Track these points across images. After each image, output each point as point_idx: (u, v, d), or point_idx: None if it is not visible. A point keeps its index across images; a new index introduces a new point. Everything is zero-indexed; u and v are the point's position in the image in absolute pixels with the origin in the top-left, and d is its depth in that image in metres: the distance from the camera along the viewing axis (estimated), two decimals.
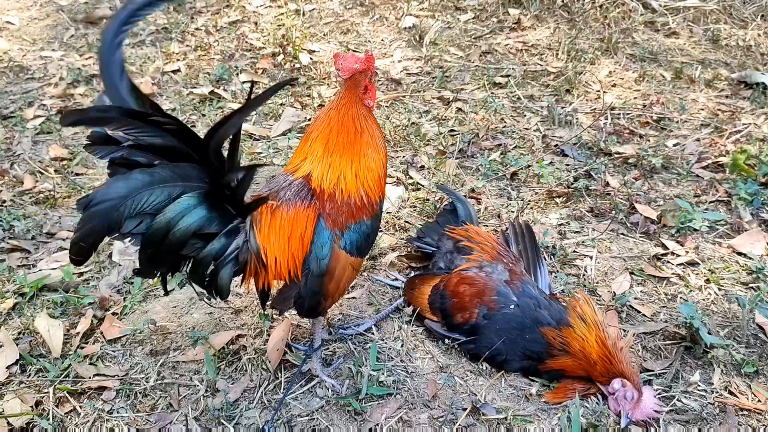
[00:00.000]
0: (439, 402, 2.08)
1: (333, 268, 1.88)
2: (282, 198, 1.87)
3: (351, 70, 1.91)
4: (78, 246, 1.58)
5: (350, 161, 1.89)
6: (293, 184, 1.90)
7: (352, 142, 1.90)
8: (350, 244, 1.90)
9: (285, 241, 1.83)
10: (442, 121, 3.79)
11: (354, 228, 1.90)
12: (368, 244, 1.99)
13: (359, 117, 1.91)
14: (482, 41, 4.75)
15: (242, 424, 1.99)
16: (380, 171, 1.95)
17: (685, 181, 3.26)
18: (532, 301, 2.21)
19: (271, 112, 3.92)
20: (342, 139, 1.89)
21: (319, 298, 1.92)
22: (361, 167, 1.91)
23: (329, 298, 1.95)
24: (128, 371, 2.19)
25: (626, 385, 1.99)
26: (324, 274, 1.88)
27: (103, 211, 1.56)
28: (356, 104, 1.92)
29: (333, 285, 1.91)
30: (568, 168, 3.37)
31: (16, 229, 2.85)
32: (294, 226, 1.84)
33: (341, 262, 1.89)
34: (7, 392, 2.09)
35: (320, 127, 1.93)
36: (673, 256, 2.75)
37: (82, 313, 2.41)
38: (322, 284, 1.89)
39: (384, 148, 1.98)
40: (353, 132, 1.90)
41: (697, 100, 4.01)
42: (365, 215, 1.92)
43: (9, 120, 3.84)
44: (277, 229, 1.83)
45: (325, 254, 1.86)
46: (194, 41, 4.72)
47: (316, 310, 1.97)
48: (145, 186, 1.57)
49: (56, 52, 4.63)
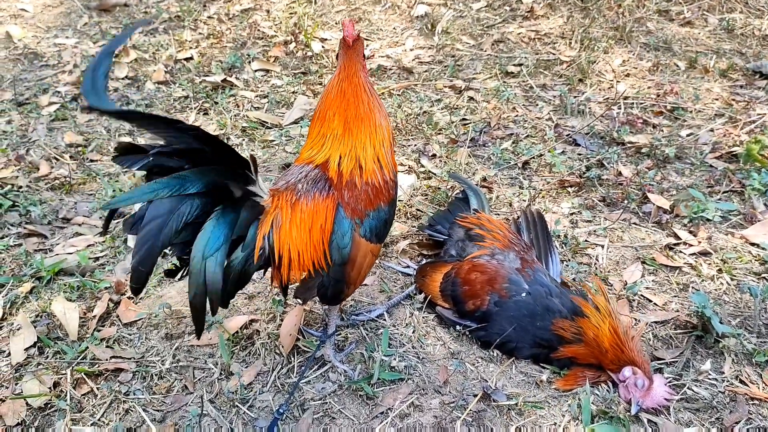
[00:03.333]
0: (450, 388, 2.10)
1: (354, 256, 1.90)
2: (300, 191, 1.86)
3: (355, 35, 1.88)
4: (138, 272, 1.56)
5: (368, 134, 1.88)
6: (309, 174, 1.90)
7: (368, 113, 1.88)
8: (370, 231, 1.91)
9: (307, 234, 1.84)
10: (453, 110, 3.79)
11: (373, 215, 1.91)
12: (386, 229, 2.00)
13: (368, 85, 1.90)
14: (494, 30, 4.74)
15: (256, 407, 2.02)
16: (390, 140, 1.94)
17: (699, 171, 3.25)
18: (543, 289, 2.21)
19: (283, 100, 3.93)
20: (360, 111, 1.88)
21: (342, 286, 1.94)
22: (378, 138, 1.89)
23: (351, 285, 1.97)
24: (144, 354, 2.22)
25: (637, 373, 2.00)
26: (346, 263, 1.89)
27: (156, 230, 1.55)
28: (362, 72, 1.89)
29: (355, 272, 1.93)
30: (580, 157, 3.36)
31: (33, 215, 2.88)
32: (315, 218, 1.85)
33: (362, 250, 1.91)
34: (26, 373, 2.13)
35: (336, 102, 1.89)
36: (685, 245, 2.75)
37: (99, 296, 2.45)
38: (345, 272, 1.91)
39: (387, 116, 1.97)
40: (367, 102, 1.88)
41: (711, 89, 3.98)
42: (382, 201, 1.92)
43: (24, 107, 3.87)
44: (299, 222, 1.83)
45: (347, 243, 1.88)
46: (207, 29, 4.74)
47: (339, 297, 1.99)
48: (185, 197, 1.58)
49: (70, 39, 4.66)
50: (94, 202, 3.02)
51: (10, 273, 2.56)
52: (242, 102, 3.93)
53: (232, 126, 3.67)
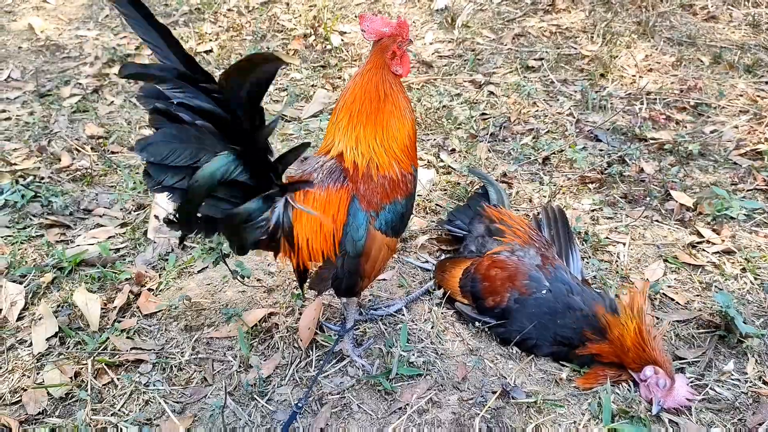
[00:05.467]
0: (468, 384, 2.09)
1: (369, 248, 1.89)
2: (315, 180, 1.87)
3: (378, 33, 1.84)
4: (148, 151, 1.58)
5: (374, 132, 1.86)
6: (325, 165, 1.90)
7: (375, 111, 1.86)
8: (385, 224, 1.90)
9: (317, 223, 1.84)
10: (473, 105, 3.76)
11: (389, 208, 1.89)
12: (403, 223, 1.99)
13: (383, 84, 1.86)
14: (515, 24, 4.69)
15: (274, 400, 2.02)
16: (406, 141, 1.91)
17: (722, 169, 3.20)
18: (564, 286, 2.19)
19: (303, 94, 3.93)
20: (366, 108, 1.86)
21: (356, 278, 1.93)
22: (386, 138, 1.87)
23: (366, 278, 1.96)
24: (164, 345, 2.24)
25: (658, 372, 1.97)
26: (360, 255, 1.89)
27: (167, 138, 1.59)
28: (381, 70, 1.86)
29: (369, 265, 1.92)
30: (601, 153, 3.32)
31: (55, 206, 2.91)
32: (327, 208, 1.85)
33: (377, 243, 1.90)
34: (47, 363, 2.15)
35: (345, 94, 1.89)
36: (708, 244, 2.71)
37: (119, 288, 2.46)
38: (359, 265, 1.90)
39: (411, 116, 1.93)
40: (376, 100, 1.86)
41: (736, 85, 3.91)
42: (399, 194, 1.91)
43: (46, 98, 3.91)
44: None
45: (361, 235, 1.87)
46: (226, 22, 4.74)
47: (353, 289, 1.99)
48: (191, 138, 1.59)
49: (91, 31, 4.69)
50: (114, 194, 3.04)
51: (32, 264, 2.58)
52: None
53: None
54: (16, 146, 3.41)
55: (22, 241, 2.72)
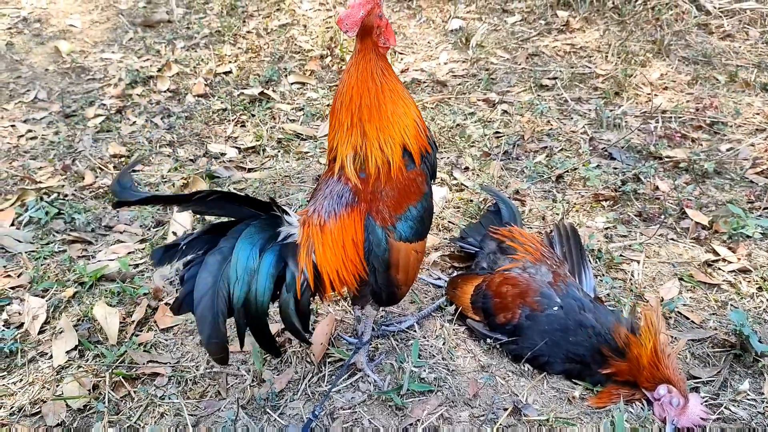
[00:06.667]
0: (479, 401, 2.09)
1: (396, 260, 1.90)
2: (327, 209, 1.88)
3: (357, 22, 1.71)
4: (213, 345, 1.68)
5: (381, 124, 1.82)
6: (334, 190, 1.90)
7: (378, 103, 1.81)
8: (405, 232, 1.90)
9: (341, 251, 1.85)
10: (487, 123, 3.79)
11: (404, 217, 1.89)
12: (425, 225, 1.97)
13: (376, 71, 1.80)
14: (529, 43, 4.73)
15: (287, 414, 2.05)
16: (417, 121, 1.88)
17: (738, 187, 3.18)
18: (576, 303, 2.20)
19: (318, 113, 3.99)
20: (366, 101, 1.80)
21: (393, 288, 1.96)
22: (396, 127, 1.84)
23: (403, 286, 1.98)
24: (179, 359, 2.28)
25: (672, 391, 1.96)
26: (389, 268, 1.91)
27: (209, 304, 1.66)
28: (371, 54, 1.79)
29: (402, 274, 1.94)
30: (615, 171, 3.33)
31: (77, 222, 2.99)
32: (345, 235, 1.86)
33: (402, 252, 1.91)
34: (67, 375, 2.20)
35: (341, 93, 1.83)
36: (724, 262, 2.69)
37: (138, 302, 2.52)
38: (391, 277, 1.93)
39: (410, 97, 1.89)
40: (375, 90, 1.80)
41: (752, 104, 3.90)
42: (412, 200, 1.90)
43: (71, 118, 4.02)
44: (331, 243, 1.84)
45: (383, 250, 1.88)
46: (246, 44, 4.85)
47: (395, 298, 2.02)
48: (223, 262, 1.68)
49: (116, 54, 4.82)
50: (135, 211, 3.11)
51: (55, 278, 2.65)
52: (278, 114, 4.00)
53: (268, 138, 3.74)
54: (41, 165, 3.51)
55: (45, 257, 2.79)
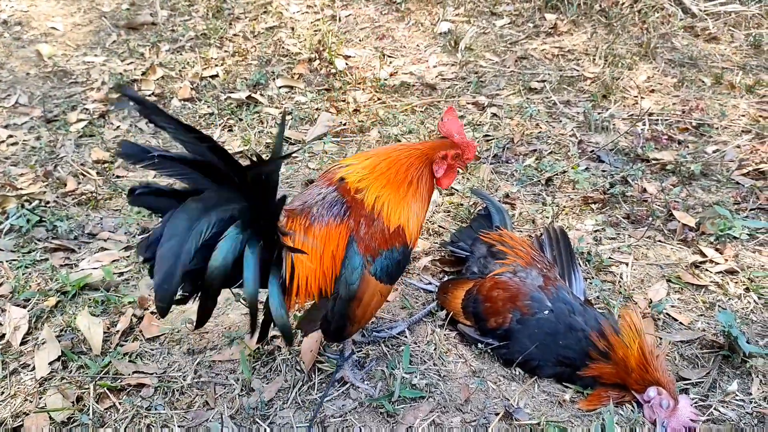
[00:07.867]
0: (471, 406, 2.08)
1: (362, 293, 1.86)
2: (314, 215, 1.85)
3: (448, 133, 1.96)
4: (162, 290, 1.52)
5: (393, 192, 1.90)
6: (327, 197, 1.88)
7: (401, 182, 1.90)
8: (381, 270, 1.87)
9: (318, 260, 1.81)
10: (476, 127, 3.78)
11: (386, 254, 1.87)
12: (399, 271, 1.95)
13: (412, 169, 1.91)
14: (518, 46, 4.74)
15: (276, 424, 2.02)
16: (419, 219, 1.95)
17: (725, 188, 3.20)
18: (566, 306, 2.19)
19: (307, 117, 3.96)
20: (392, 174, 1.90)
21: (345, 321, 1.90)
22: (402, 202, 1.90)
23: (355, 324, 1.93)
24: (166, 369, 2.24)
25: (662, 393, 1.96)
26: (352, 299, 1.86)
27: (177, 247, 1.52)
28: (423, 159, 1.93)
29: (360, 311, 1.89)
30: (604, 174, 3.33)
31: (59, 230, 2.93)
32: (327, 244, 1.82)
33: (371, 289, 1.87)
34: (50, 387, 2.15)
35: (380, 152, 1.95)
36: (711, 263, 2.70)
37: (122, 311, 2.47)
38: (350, 309, 1.87)
39: (426, 207, 1.98)
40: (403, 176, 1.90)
41: (738, 105, 3.93)
42: (398, 242, 1.89)
43: (53, 123, 3.96)
44: (309, 248, 1.80)
45: (355, 279, 1.84)
46: (232, 47, 4.81)
47: (342, 334, 1.95)
48: (202, 214, 1.56)
49: (99, 57, 4.76)
50: (119, 218, 3.07)
51: (37, 288, 2.60)
52: (266, 118, 3.97)
53: (256, 142, 3.71)
54: (23, 171, 3.45)
55: (27, 266, 2.74)
